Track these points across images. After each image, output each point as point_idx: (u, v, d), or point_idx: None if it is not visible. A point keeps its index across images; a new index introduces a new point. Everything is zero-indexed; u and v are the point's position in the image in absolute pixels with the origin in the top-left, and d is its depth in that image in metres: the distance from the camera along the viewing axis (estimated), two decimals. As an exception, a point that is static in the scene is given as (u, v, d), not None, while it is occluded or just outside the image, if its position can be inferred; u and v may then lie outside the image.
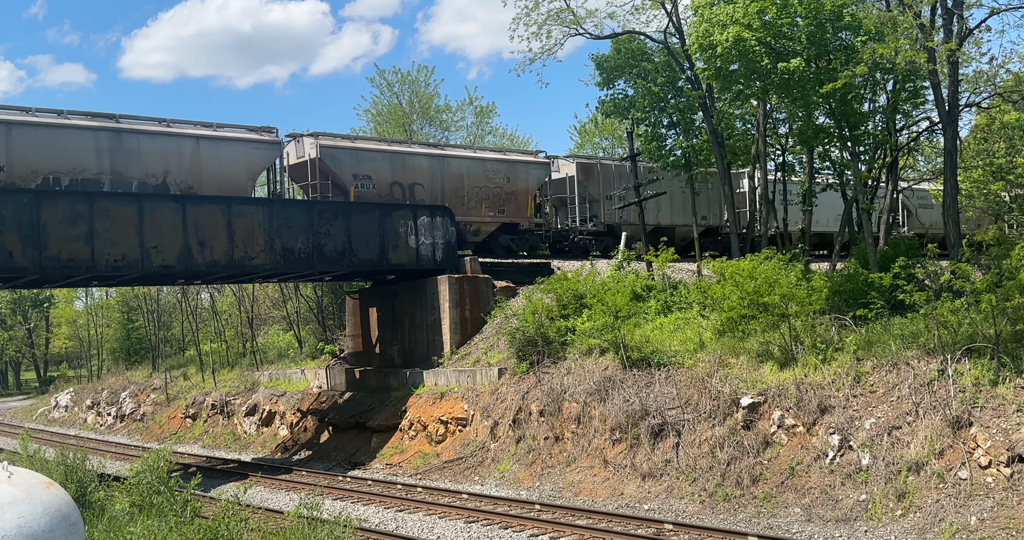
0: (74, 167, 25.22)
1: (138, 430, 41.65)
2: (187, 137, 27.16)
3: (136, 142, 26.35)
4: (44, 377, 74.67)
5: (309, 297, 43.07)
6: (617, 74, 30.05)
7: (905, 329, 18.17)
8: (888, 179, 28.61)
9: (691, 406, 19.77)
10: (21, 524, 8.90)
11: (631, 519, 17.35)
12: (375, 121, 52.61)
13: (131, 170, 26.12)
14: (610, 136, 54.66)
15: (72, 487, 13.82)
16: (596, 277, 26.92)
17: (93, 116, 26.29)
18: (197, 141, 27.27)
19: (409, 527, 18.24)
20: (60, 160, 24.99)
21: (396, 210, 28.58)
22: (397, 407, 27.28)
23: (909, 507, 15.32)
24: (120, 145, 26.06)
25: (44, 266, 22.50)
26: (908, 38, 20.79)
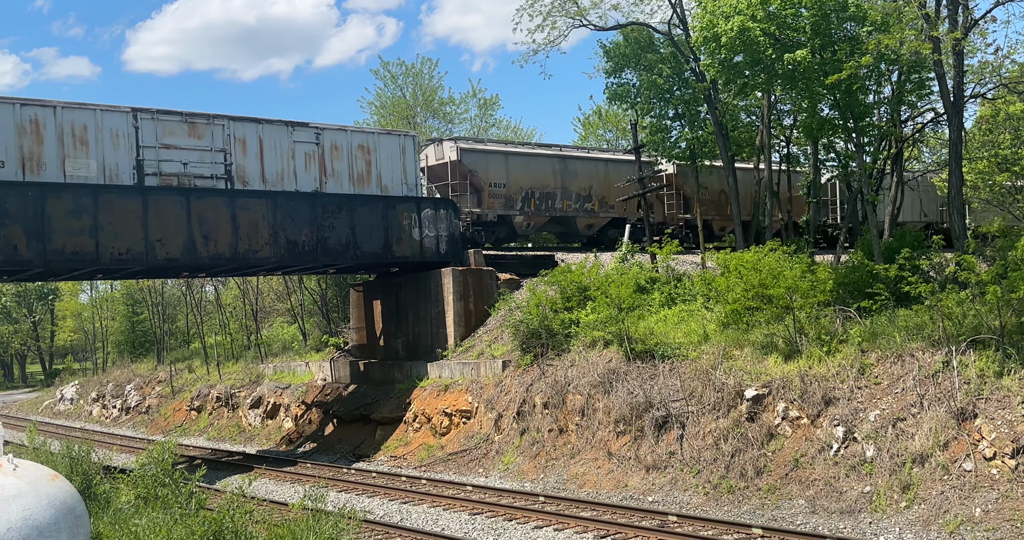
0: (542, 184, 34.21)
1: (143, 423, 41.76)
2: (601, 161, 36.34)
3: (575, 165, 35.34)
4: (49, 370, 74.89)
5: (313, 290, 43.11)
6: (624, 63, 29.98)
7: (910, 321, 18.14)
8: (893, 170, 28.53)
9: (695, 398, 19.76)
10: (27, 516, 8.94)
11: (635, 511, 17.37)
12: (379, 114, 52.55)
13: (572, 185, 35.00)
14: (614, 128, 54.56)
15: (77, 480, 13.85)
16: (600, 269, 26.91)
17: (548, 146, 36.36)
18: (607, 164, 36.11)
19: (413, 519, 18.28)
20: (535, 179, 34.02)
21: (400, 203, 28.57)
22: (401, 399, 27.32)
23: (914, 499, 15.32)
24: (565, 168, 35.02)
25: (49, 259, 22.54)
26: (913, 29, 20.70)
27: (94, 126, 24.11)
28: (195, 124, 25.71)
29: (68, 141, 23.72)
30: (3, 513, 8.85)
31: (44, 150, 23.37)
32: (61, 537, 9.13)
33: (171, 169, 25.09)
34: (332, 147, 28.27)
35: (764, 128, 29.90)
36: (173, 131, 25.27)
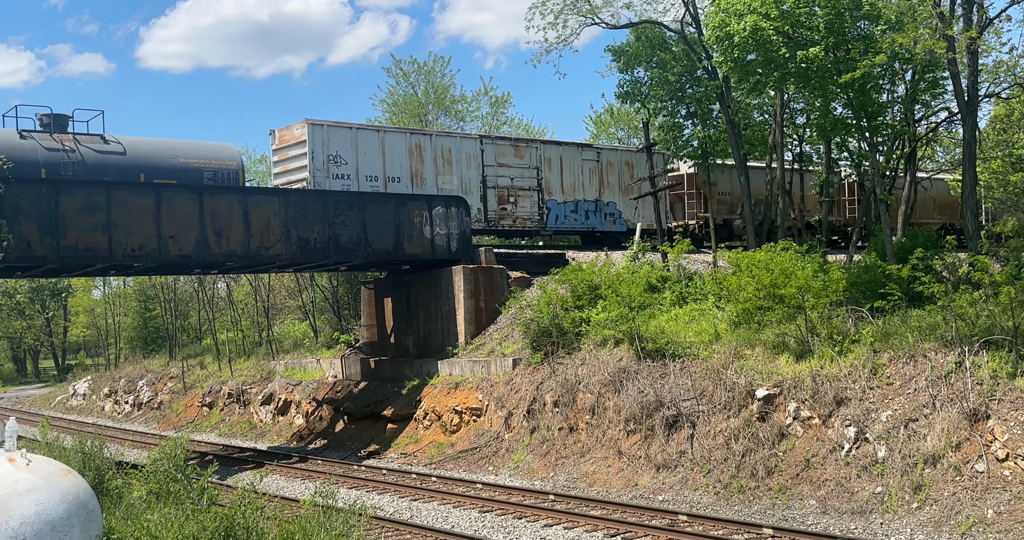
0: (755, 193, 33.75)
1: (155, 418, 41.96)
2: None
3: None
4: (62, 365, 75.29)
5: (324, 287, 43.21)
6: (635, 62, 29.93)
7: (923, 321, 18.06)
8: (906, 170, 28.42)
9: (706, 397, 19.73)
10: (39, 510, 9.00)
11: (645, 510, 17.36)
12: (391, 111, 52.60)
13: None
14: (626, 126, 54.47)
15: (90, 475, 13.92)
16: (611, 268, 26.88)
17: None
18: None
19: (423, 516, 18.31)
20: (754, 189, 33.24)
21: (411, 201, 28.61)
22: (412, 397, 27.36)
23: (925, 500, 15.27)
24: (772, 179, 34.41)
25: (62, 255, 22.66)
26: (928, 27, 20.61)
27: (455, 150, 30.95)
28: (519, 147, 32.89)
29: (440, 161, 30.62)
30: (16, 507, 8.91)
31: (424, 168, 30.25)
32: (74, 532, 9.18)
33: (503, 183, 31.97)
34: (607, 163, 34.70)
35: (777, 127, 29.80)
36: (504, 153, 32.19)
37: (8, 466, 9.26)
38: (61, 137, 25.72)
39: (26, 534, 8.88)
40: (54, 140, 25.44)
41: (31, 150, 25.11)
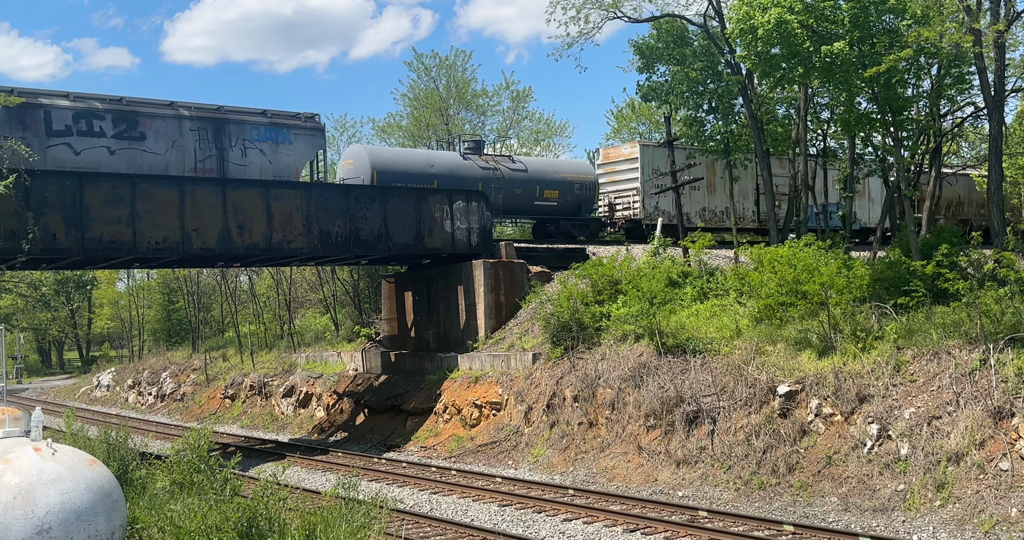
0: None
1: (178, 410, 42.31)
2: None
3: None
4: (86, 357, 76.03)
5: (345, 280, 43.37)
6: (657, 58, 29.77)
7: (947, 318, 17.90)
8: (932, 165, 28.15)
9: (727, 393, 19.66)
10: (65, 500, 9.10)
11: (665, 505, 17.33)
12: (412, 106, 52.68)
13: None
14: (647, 121, 54.26)
15: (114, 465, 14.05)
16: (631, 263, 26.81)
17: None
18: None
19: (443, 509, 18.37)
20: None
21: (432, 195, 28.66)
22: (432, 390, 27.44)
23: (948, 498, 15.15)
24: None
25: (87, 248, 22.87)
26: (954, 21, 20.40)
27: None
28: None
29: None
30: (42, 497, 9.02)
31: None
32: (98, 521, 9.28)
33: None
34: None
35: (800, 122, 29.58)
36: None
37: (34, 456, 9.36)
38: (486, 157, 33.15)
39: (51, 523, 8.98)
40: (483, 160, 32.80)
41: (471, 168, 32.22)
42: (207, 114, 26.46)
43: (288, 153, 27.62)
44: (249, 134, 27.12)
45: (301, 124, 28.05)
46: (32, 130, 23.54)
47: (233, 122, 26.81)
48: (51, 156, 23.65)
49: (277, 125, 27.54)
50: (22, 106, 23.02)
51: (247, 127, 27.12)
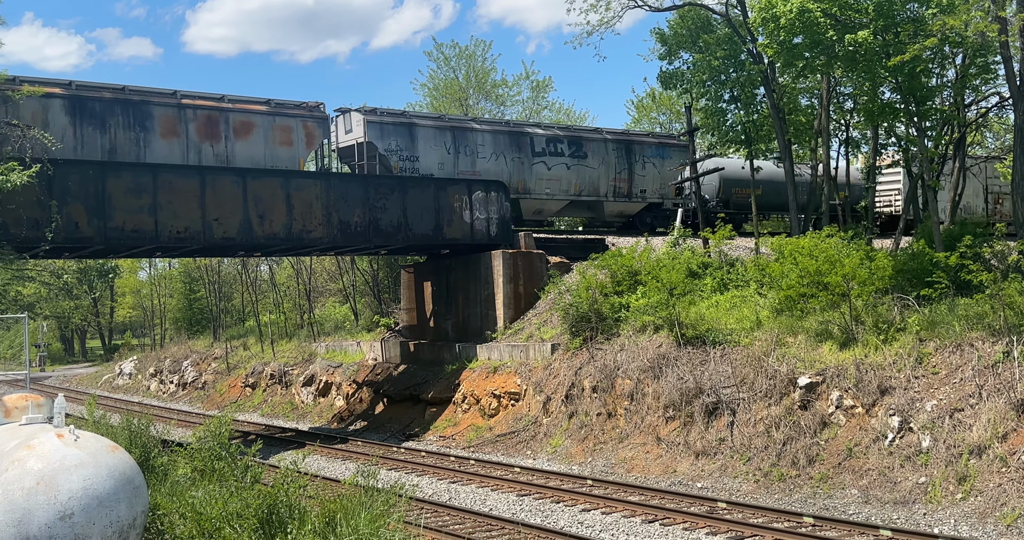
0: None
1: (199, 398, 42.62)
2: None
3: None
4: (109, 345, 76.70)
5: (365, 270, 43.49)
6: (679, 46, 29.55)
7: (970, 310, 17.74)
8: (955, 156, 27.86)
9: (747, 385, 19.58)
10: (87, 486, 9.17)
11: (684, 496, 17.30)
12: (431, 96, 52.67)
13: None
14: (667, 111, 54.00)
15: (136, 452, 14.16)
16: (651, 254, 26.72)
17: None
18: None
19: (462, 498, 18.42)
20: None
21: (451, 185, 28.65)
22: (451, 380, 27.49)
23: (970, 491, 15.03)
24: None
25: (109, 237, 23.03)
26: (980, 10, 20.14)
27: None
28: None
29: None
30: (65, 482, 9.10)
31: None
32: (120, 507, 9.35)
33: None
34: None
35: (823, 111, 29.33)
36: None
37: (57, 442, 9.44)
38: None
39: (74, 508, 9.06)
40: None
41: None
42: (621, 137, 35.16)
43: (669, 166, 35.25)
44: (647, 152, 35.23)
45: (676, 143, 36.12)
46: (524, 152, 32.27)
47: (637, 143, 35.24)
48: (534, 171, 32.42)
49: (662, 145, 35.98)
50: (518, 134, 32.36)
51: (645, 146, 35.34)
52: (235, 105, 26.50)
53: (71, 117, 23.87)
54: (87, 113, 24.14)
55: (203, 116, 25.73)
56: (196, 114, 25.63)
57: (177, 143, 25.34)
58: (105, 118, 24.33)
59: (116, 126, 24.44)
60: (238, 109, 26.41)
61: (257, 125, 26.49)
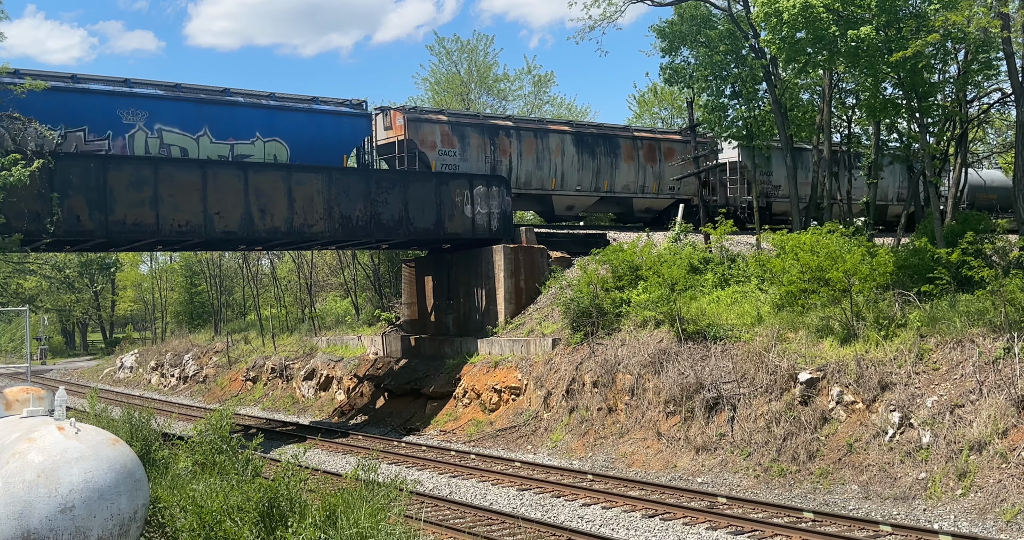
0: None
1: (200, 392, 42.67)
2: None
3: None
4: (110, 338, 76.73)
5: (366, 265, 43.50)
6: (680, 41, 29.51)
7: (971, 306, 17.74)
8: (957, 152, 27.84)
9: (747, 380, 19.59)
10: (88, 479, 9.18)
11: (684, 491, 17.32)
12: (433, 90, 52.63)
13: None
14: (669, 106, 53.94)
15: (137, 445, 14.17)
16: (652, 249, 26.72)
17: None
18: None
19: (463, 493, 18.44)
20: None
21: (452, 179, 28.64)
22: (451, 375, 27.51)
23: (970, 486, 15.05)
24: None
25: (110, 230, 23.04)
26: (982, 6, 20.10)
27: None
28: None
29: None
30: (66, 475, 9.11)
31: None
32: (121, 500, 9.36)
33: None
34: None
35: (825, 107, 29.30)
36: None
37: (57, 435, 9.45)
38: None
39: (75, 501, 9.07)
40: None
41: None
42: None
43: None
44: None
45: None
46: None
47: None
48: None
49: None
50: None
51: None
52: (664, 136, 36.32)
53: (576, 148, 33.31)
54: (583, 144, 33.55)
55: (646, 145, 34.94)
56: (642, 144, 34.90)
57: (633, 166, 34.35)
58: (593, 148, 33.64)
59: (600, 154, 33.80)
60: (666, 139, 35.79)
61: (676, 151, 34.97)
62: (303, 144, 27.36)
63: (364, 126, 28.95)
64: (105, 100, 24.69)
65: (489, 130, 31.46)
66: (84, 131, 24.25)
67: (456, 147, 30.67)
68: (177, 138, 25.58)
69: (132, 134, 24.94)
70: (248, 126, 26.72)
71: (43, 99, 22.45)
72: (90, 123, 24.42)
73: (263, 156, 26.70)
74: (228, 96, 26.92)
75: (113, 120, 24.75)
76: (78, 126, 24.21)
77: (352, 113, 28.50)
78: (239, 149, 26.48)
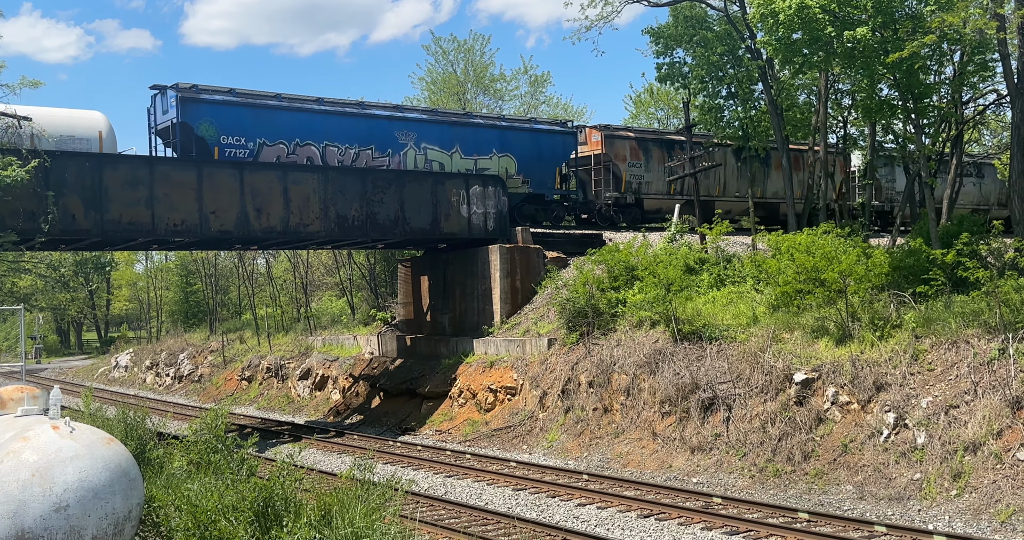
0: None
1: (195, 391, 42.61)
2: None
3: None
4: (105, 338, 76.63)
5: (362, 264, 43.47)
6: (675, 43, 29.54)
7: (966, 307, 17.77)
8: (953, 153, 27.89)
9: (743, 381, 19.61)
10: (82, 478, 9.16)
11: (679, 491, 17.33)
12: (429, 90, 52.59)
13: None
14: (666, 107, 53.97)
15: (132, 444, 14.12)
16: (648, 249, 26.73)
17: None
18: None
19: (458, 493, 18.44)
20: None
21: (449, 179, 28.64)
22: (447, 375, 27.50)
23: (965, 487, 15.08)
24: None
25: (106, 229, 23.00)
26: (978, 7, 20.14)
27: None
28: None
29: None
30: (60, 474, 9.09)
31: None
32: (115, 499, 9.34)
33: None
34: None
35: (821, 107, 29.34)
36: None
37: (52, 434, 9.43)
38: None
39: (69, 500, 9.05)
40: None
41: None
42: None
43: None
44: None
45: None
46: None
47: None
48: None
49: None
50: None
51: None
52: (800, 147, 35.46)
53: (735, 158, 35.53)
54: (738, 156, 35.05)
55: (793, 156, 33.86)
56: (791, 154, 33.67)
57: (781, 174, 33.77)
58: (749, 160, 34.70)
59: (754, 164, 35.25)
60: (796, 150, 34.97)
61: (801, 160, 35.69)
62: (527, 158, 31.60)
63: (572, 143, 33.10)
64: (386, 124, 29.42)
65: (667, 144, 34.89)
66: (372, 149, 29.02)
67: (641, 160, 34.15)
68: (437, 154, 30.16)
69: (405, 152, 29.65)
70: (487, 143, 31.23)
71: (341, 123, 28.34)
72: (376, 142, 29.13)
73: (498, 169, 30.99)
74: (471, 118, 32.09)
75: (391, 140, 29.45)
76: (367, 145, 28.90)
77: (564, 131, 33.10)
78: (481, 163, 30.87)
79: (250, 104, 27.03)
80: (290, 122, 27.48)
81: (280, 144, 27.35)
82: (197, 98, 26.01)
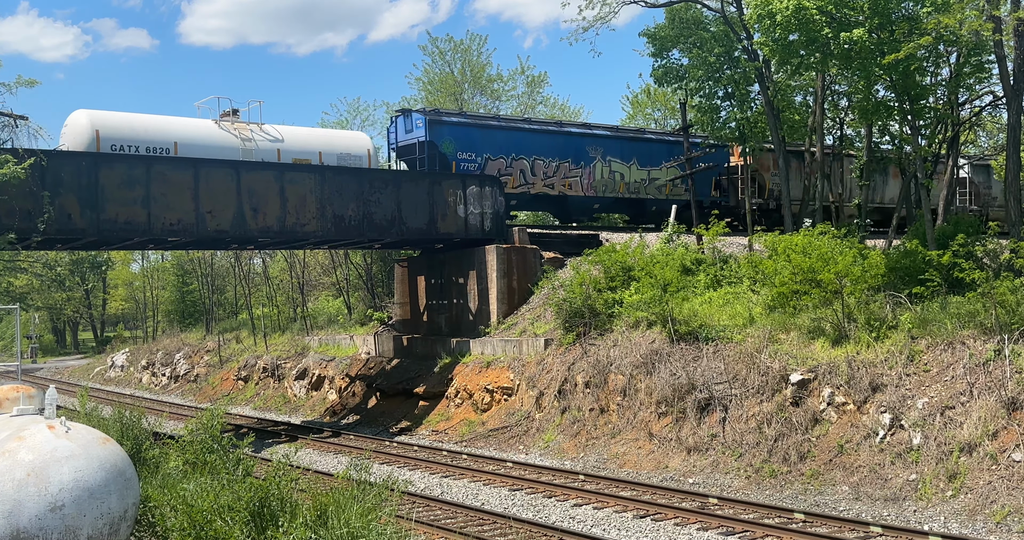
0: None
1: (191, 391, 42.57)
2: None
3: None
4: (101, 337, 76.54)
5: (359, 264, 43.43)
6: (671, 44, 29.54)
7: (962, 308, 17.80)
8: (949, 154, 27.93)
9: (739, 381, 19.63)
10: (78, 477, 9.16)
11: (675, 492, 17.34)
12: (426, 90, 52.57)
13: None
14: (663, 107, 53.99)
15: (128, 444, 14.12)
16: (645, 250, 26.75)
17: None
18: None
19: (454, 493, 18.44)
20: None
21: (445, 179, 28.65)
22: (444, 375, 27.50)
23: (960, 488, 15.11)
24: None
25: (102, 228, 22.98)
26: (974, 9, 20.18)
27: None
28: None
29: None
30: (55, 474, 9.08)
31: None
32: (111, 499, 9.34)
33: None
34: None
35: (817, 109, 29.37)
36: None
37: (47, 433, 9.42)
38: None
39: (64, 500, 9.05)
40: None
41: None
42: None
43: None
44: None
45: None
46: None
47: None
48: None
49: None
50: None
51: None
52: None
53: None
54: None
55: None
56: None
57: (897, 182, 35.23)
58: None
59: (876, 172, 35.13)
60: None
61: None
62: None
63: (724, 156, 35.16)
64: (579, 140, 33.22)
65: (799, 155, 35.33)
66: (569, 161, 32.80)
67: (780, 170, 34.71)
68: (619, 166, 33.89)
69: (593, 164, 33.38)
70: (658, 156, 34.73)
71: (544, 140, 32.28)
72: (572, 156, 32.90)
73: (666, 180, 34.38)
74: (644, 134, 35.67)
75: (583, 154, 33.19)
76: (565, 158, 32.80)
77: (719, 145, 33.30)
78: (653, 173, 34.65)
79: (479, 124, 31.60)
80: (507, 139, 31.73)
81: (500, 158, 31.43)
82: (440, 120, 30.54)
